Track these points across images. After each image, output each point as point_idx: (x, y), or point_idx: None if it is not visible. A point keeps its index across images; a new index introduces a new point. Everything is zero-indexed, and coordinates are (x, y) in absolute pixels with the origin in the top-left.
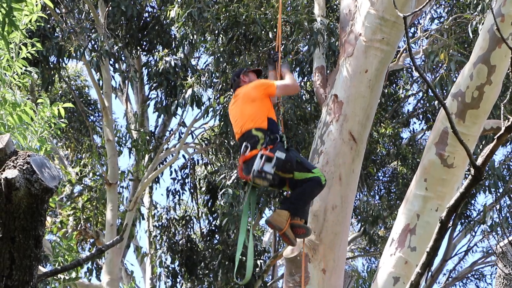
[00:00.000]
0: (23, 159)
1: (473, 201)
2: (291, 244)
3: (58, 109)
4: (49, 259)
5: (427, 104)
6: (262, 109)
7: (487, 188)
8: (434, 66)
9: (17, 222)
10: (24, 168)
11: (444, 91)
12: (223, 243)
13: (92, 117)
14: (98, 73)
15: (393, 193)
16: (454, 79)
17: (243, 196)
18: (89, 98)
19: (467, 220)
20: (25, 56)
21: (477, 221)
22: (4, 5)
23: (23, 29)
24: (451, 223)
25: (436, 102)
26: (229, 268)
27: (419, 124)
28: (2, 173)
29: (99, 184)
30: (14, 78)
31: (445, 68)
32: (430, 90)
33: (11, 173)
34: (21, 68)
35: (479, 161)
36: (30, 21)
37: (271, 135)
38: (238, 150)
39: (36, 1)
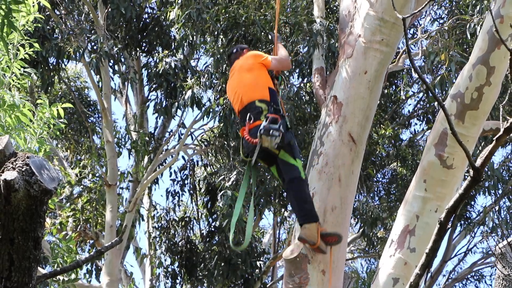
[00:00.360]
0: (22, 161)
1: (472, 202)
2: (323, 253)
3: (57, 110)
4: (48, 260)
5: (427, 105)
6: (261, 78)
7: (486, 190)
8: (434, 67)
9: (16, 224)
10: (23, 169)
11: (444, 91)
12: (220, 244)
13: (91, 118)
14: (97, 75)
15: (392, 194)
16: (454, 80)
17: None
18: (88, 99)
19: (466, 222)
20: (24, 57)
21: (476, 222)
22: (3, 6)
23: (21, 30)
24: (450, 224)
25: (436, 103)
26: (225, 270)
27: (419, 125)
28: (1, 175)
29: (99, 185)
30: (12, 80)
31: (444, 68)
32: (429, 92)
33: (10, 174)
34: (20, 69)
35: (478, 162)
36: (27, 21)
37: (274, 105)
38: (240, 122)
39: (33, 2)
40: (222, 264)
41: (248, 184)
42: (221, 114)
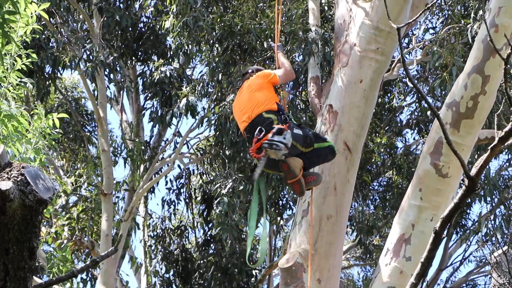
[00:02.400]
0: (17, 171)
1: (468, 210)
2: (300, 194)
3: (53, 120)
4: (44, 269)
5: (421, 115)
6: (270, 95)
7: (482, 197)
8: (432, 71)
9: (11, 234)
10: (18, 179)
11: (442, 96)
12: (217, 254)
13: (87, 128)
14: (93, 84)
15: (388, 202)
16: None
17: (238, 204)
18: (85, 109)
19: (462, 229)
20: (20, 67)
21: (472, 230)
22: None
23: (18, 41)
24: (445, 233)
25: (429, 112)
26: (221, 279)
27: (411, 134)
28: None
29: (94, 195)
30: (9, 90)
31: (444, 73)
32: (424, 101)
33: (5, 184)
34: (16, 80)
35: (473, 171)
36: (25, 32)
37: (283, 115)
38: (249, 139)
39: (31, 13)
40: (219, 274)
41: (258, 198)
42: (216, 122)
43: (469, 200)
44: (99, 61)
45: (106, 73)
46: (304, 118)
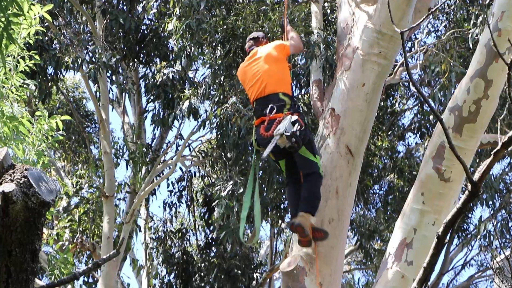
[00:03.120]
0: (20, 173)
1: (470, 215)
2: (307, 246)
3: (56, 122)
4: (45, 271)
5: (423, 119)
6: (286, 72)
7: (484, 201)
8: (433, 78)
9: (14, 236)
10: (21, 182)
11: (443, 102)
12: (219, 256)
13: (89, 129)
14: (95, 85)
15: (389, 206)
16: (453, 90)
17: (237, 207)
18: (86, 110)
19: (463, 234)
20: (23, 69)
21: (474, 235)
22: (3, 19)
23: (21, 43)
24: (447, 238)
25: (431, 116)
26: (225, 281)
27: (413, 138)
28: None
29: (96, 197)
30: (12, 91)
31: (443, 79)
32: (426, 105)
33: (8, 186)
34: (19, 81)
35: (476, 176)
36: (28, 34)
37: (295, 103)
38: (255, 110)
39: (35, 15)
40: (222, 277)
41: (255, 175)
42: (218, 124)
43: (471, 204)
44: (102, 63)
45: (108, 75)
46: (306, 121)
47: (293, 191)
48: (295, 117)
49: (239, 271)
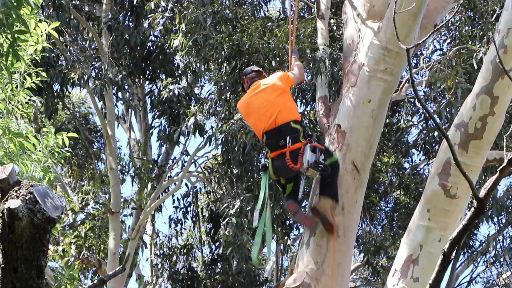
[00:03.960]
0: (26, 189)
1: (476, 231)
2: (329, 229)
3: (62, 138)
4: None
5: (427, 136)
6: (293, 103)
7: (490, 218)
8: (439, 94)
9: (20, 252)
10: (27, 198)
11: (450, 118)
12: (224, 273)
13: (96, 145)
14: (101, 101)
15: (395, 223)
16: (459, 106)
17: (246, 224)
18: (93, 126)
19: (469, 250)
20: (30, 86)
21: (480, 251)
22: (9, 36)
23: (28, 59)
24: (453, 254)
25: (436, 133)
26: None
27: (417, 155)
28: (5, 203)
29: (102, 213)
30: (18, 108)
31: (449, 96)
32: (431, 121)
33: (14, 203)
34: (25, 98)
35: (482, 193)
36: (35, 51)
37: (306, 128)
38: (268, 143)
39: (41, 32)
40: None
41: (265, 192)
42: (223, 140)
43: (477, 220)
44: (108, 79)
45: (114, 91)
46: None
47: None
48: (312, 145)
49: (242, 287)
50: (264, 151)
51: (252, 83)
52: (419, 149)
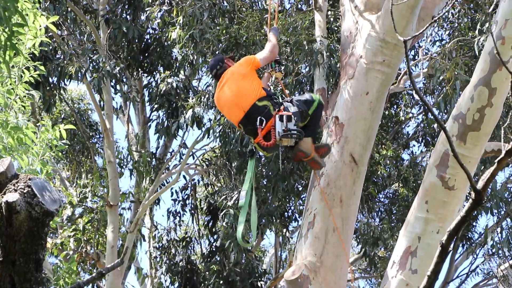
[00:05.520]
0: (24, 183)
1: (474, 223)
2: (320, 167)
3: (60, 131)
4: (50, 281)
5: (427, 128)
6: (255, 82)
7: (489, 210)
8: (438, 85)
9: (18, 246)
10: (25, 191)
11: (447, 110)
12: (219, 263)
13: (94, 139)
14: (99, 94)
15: (394, 215)
16: (458, 97)
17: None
18: (91, 120)
19: (468, 242)
20: (28, 80)
21: (478, 243)
22: (6, 29)
23: (26, 53)
24: (452, 246)
25: (435, 125)
26: None
27: (418, 147)
28: (3, 197)
29: (100, 206)
30: (16, 102)
31: (448, 87)
32: (430, 113)
33: (12, 196)
34: (24, 92)
35: (480, 184)
36: (33, 45)
37: (274, 98)
38: (249, 130)
39: (40, 26)
40: (222, 283)
41: (252, 176)
42: (221, 132)
43: (475, 212)
44: (106, 72)
45: (112, 84)
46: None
47: None
48: (280, 114)
49: (238, 277)
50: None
51: (220, 76)
52: (419, 141)
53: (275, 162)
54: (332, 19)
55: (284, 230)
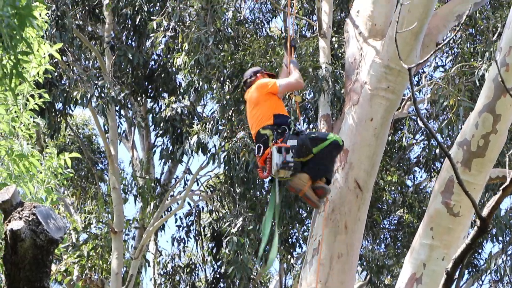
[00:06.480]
0: (29, 210)
1: (480, 250)
2: (315, 206)
3: (65, 159)
4: None
5: (429, 155)
6: (267, 108)
7: (494, 237)
8: (441, 112)
9: (22, 273)
10: (30, 219)
11: (450, 136)
12: None
13: (99, 165)
14: (103, 118)
15: (399, 241)
16: (461, 125)
17: (247, 243)
18: (95, 146)
19: (474, 269)
20: (32, 107)
21: (484, 269)
22: (12, 57)
23: (31, 81)
24: (457, 273)
25: (438, 150)
26: None
27: (419, 172)
28: (8, 224)
29: (105, 232)
30: (21, 129)
31: (451, 114)
32: (433, 140)
33: (16, 224)
34: (29, 119)
35: (485, 212)
36: (38, 73)
37: (278, 128)
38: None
39: (44, 53)
40: None
41: (274, 204)
42: (225, 158)
43: (481, 239)
44: (110, 97)
45: (116, 109)
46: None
47: None
48: (277, 146)
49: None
50: None
51: (248, 88)
52: (422, 167)
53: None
54: (336, 46)
55: (289, 256)
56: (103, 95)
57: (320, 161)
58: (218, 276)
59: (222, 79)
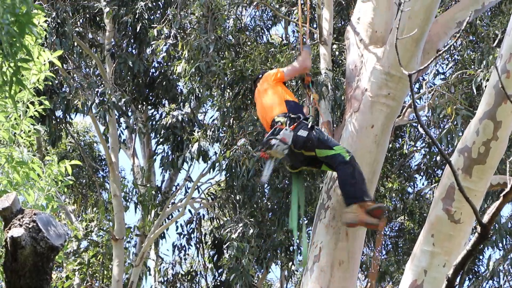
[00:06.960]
0: (29, 218)
1: (481, 256)
2: (378, 228)
3: (65, 167)
4: None
5: (429, 163)
6: (276, 95)
7: (494, 244)
8: (439, 121)
9: (23, 281)
10: (30, 226)
11: (450, 146)
12: None
13: (100, 172)
14: (104, 126)
15: (400, 248)
16: (460, 134)
17: (248, 249)
18: (97, 154)
19: (475, 276)
20: (33, 114)
21: (485, 276)
22: (12, 64)
23: (31, 88)
24: (458, 280)
25: (438, 157)
26: None
27: (420, 179)
28: (8, 232)
29: (106, 240)
30: (21, 137)
31: (450, 123)
32: (434, 146)
33: (17, 231)
34: (29, 127)
35: (485, 219)
36: (38, 80)
37: (292, 114)
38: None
39: (44, 60)
40: None
41: (297, 194)
42: (226, 166)
43: (482, 245)
44: (111, 103)
45: (117, 116)
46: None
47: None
48: (278, 128)
49: None
50: None
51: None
52: (423, 174)
53: (280, 195)
54: (337, 53)
55: (290, 263)
56: (105, 100)
57: (345, 184)
58: (219, 283)
59: (222, 86)
